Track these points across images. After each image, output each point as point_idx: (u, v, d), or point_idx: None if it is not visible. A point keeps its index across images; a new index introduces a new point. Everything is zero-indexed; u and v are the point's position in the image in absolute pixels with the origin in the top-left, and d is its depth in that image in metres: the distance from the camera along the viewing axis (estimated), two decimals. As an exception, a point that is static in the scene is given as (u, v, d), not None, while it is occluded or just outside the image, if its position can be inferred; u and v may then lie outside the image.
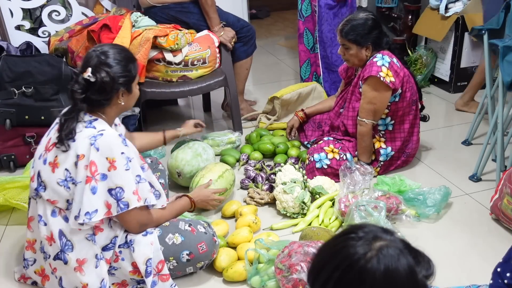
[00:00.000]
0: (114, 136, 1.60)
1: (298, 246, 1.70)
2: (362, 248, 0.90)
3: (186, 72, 2.75)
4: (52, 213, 1.64)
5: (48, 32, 3.14)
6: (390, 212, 2.03)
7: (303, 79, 3.39)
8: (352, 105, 2.43)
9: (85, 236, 1.63)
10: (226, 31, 2.85)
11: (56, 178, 1.60)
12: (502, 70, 2.14)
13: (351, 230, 0.96)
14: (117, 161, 1.57)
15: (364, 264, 0.89)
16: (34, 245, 1.75)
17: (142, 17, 2.73)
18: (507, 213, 1.98)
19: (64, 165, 1.59)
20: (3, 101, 2.50)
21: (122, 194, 1.57)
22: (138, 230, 1.67)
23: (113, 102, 1.67)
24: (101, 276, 1.65)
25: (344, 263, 0.91)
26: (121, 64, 1.64)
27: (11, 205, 2.19)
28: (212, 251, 1.78)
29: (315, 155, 2.40)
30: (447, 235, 2.03)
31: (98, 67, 1.61)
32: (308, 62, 3.34)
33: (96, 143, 1.56)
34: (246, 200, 2.30)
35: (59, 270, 1.67)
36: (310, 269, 0.98)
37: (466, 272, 1.82)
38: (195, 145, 2.39)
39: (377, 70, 2.22)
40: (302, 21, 3.25)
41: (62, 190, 1.60)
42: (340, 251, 0.93)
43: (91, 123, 1.63)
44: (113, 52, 1.65)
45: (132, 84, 1.70)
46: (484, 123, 2.87)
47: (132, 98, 1.74)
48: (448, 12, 3.34)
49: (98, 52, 1.64)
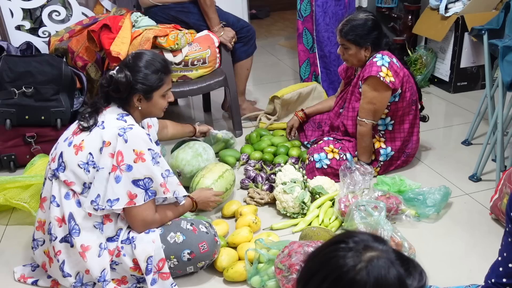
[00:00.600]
0: (143, 132, 1.68)
1: (298, 246, 1.70)
2: (352, 259, 0.88)
3: (186, 72, 2.75)
4: (66, 195, 1.68)
5: (48, 32, 3.14)
6: (390, 212, 2.04)
7: (303, 79, 3.39)
8: (352, 105, 2.43)
9: (93, 224, 1.67)
10: (226, 31, 2.85)
11: (78, 160, 1.66)
12: (502, 70, 2.14)
13: (342, 239, 0.94)
14: (146, 154, 1.63)
15: (354, 276, 0.87)
16: (44, 226, 1.77)
17: (142, 17, 2.73)
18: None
19: (89, 148, 1.66)
20: (3, 101, 2.51)
21: (151, 184, 1.65)
22: (142, 228, 1.70)
23: (131, 104, 1.74)
24: (103, 265, 1.68)
25: (333, 275, 0.89)
26: (145, 72, 1.71)
27: (12, 205, 2.19)
28: (213, 251, 1.78)
29: (315, 155, 2.40)
30: (447, 235, 2.03)
31: (123, 67, 1.71)
32: (307, 62, 3.34)
33: (125, 135, 1.63)
34: (246, 200, 2.30)
35: (63, 253, 1.70)
36: (299, 276, 0.97)
37: (466, 272, 1.82)
38: (196, 145, 2.39)
39: (377, 70, 2.22)
40: (301, 20, 3.25)
41: (82, 172, 1.65)
42: (329, 262, 0.91)
43: (123, 116, 1.71)
44: (146, 58, 1.73)
45: (154, 93, 1.75)
46: (484, 123, 2.87)
47: (153, 107, 1.79)
48: (448, 12, 3.34)
49: (133, 54, 1.74)
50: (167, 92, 1.82)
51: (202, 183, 2.16)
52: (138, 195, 1.64)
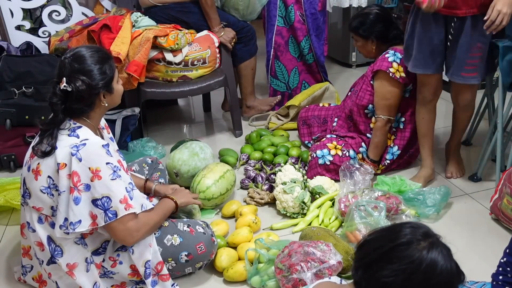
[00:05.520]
0: (98, 146, 1.57)
1: (298, 246, 1.70)
2: (417, 237, 0.99)
3: (186, 72, 2.75)
4: (38, 220, 1.64)
5: (48, 32, 3.14)
6: (390, 212, 2.03)
7: (292, 88, 3.29)
8: (360, 91, 2.46)
9: (73, 241, 1.62)
10: (227, 32, 2.85)
11: (40, 185, 1.59)
12: (502, 70, 2.14)
13: (411, 224, 1.04)
14: (102, 170, 1.54)
15: (413, 249, 0.97)
16: (29, 252, 1.75)
17: (142, 17, 2.73)
18: (507, 213, 1.98)
19: (46, 172, 1.58)
20: (4, 101, 2.50)
21: (109, 204, 1.55)
22: (132, 238, 1.62)
23: (96, 106, 1.63)
24: (93, 279, 1.66)
25: (395, 242, 0.99)
26: (96, 68, 1.58)
27: (12, 206, 2.19)
28: (210, 252, 1.78)
29: (318, 152, 2.41)
30: (447, 235, 1.99)
31: (72, 75, 1.55)
32: (295, 70, 3.27)
33: (78, 154, 1.53)
34: (246, 200, 2.30)
35: (54, 275, 1.67)
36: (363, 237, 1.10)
37: (465, 272, 1.80)
38: (192, 145, 2.39)
39: (387, 66, 2.30)
40: (287, 28, 3.17)
41: (46, 197, 1.59)
42: (394, 231, 1.03)
43: (75, 131, 1.59)
44: (85, 56, 1.59)
45: (112, 83, 1.64)
46: (484, 123, 2.87)
47: (116, 97, 1.69)
48: (448, 12, 3.33)
49: (70, 59, 1.57)
50: (118, 76, 1.71)
51: (203, 183, 2.16)
52: (98, 216, 1.55)
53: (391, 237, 1.00)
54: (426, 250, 0.95)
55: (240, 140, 2.94)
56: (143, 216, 1.65)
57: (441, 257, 0.96)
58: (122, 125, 2.69)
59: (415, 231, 0.99)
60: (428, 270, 0.95)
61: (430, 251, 0.96)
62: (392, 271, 0.96)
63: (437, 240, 0.99)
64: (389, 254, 0.98)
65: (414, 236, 0.98)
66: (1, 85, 2.51)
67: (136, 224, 1.61)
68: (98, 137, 1.66)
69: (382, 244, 1.00)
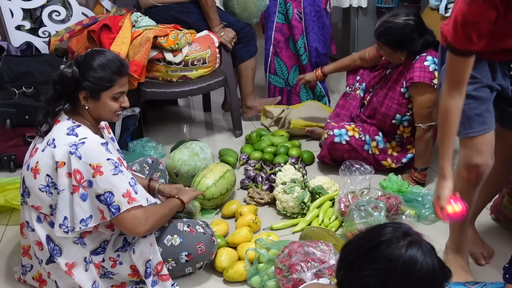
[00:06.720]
0: (97, 144, 1.58)
1: (298, 246, 1.70)
2: (396, 235, 0.99)
3: (186, 72, 2.75)
4: (37, 219, 1.64)
5: (48, 32, 3.14)
6: (390, 212, 2.03)
7: (291, 85, 3.25)
8: (385, 98, 2.36)
9: (72, 240, 1.62)
10: (227, 32, 2.85)
11: (38, 184, 1.59)
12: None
13: (391, 224, 1.05)
14: (103, 166, 1.54)
15: (393, 248, 0.97)
16: (29, 251, 1.75)
17: (142, 17, 2.73)
18: (507, 213, 1.98)
19: (45, 170, 1.58)
20: (4, 101, 2.50)
21: (112, 198, 1.55)
22: (142, 226, 1.60)
23: (79, 104, 1.63)
24: (92, 278, 1.66)
25: (375, 241, 1.00)
26: (94, 69, 1.58)
27: (12, 206, 2.19)
28: (210, 252, 1.78)
29: (335, 130, 2.40)
30: (447, 235, 2.03)
31: (73, 62, 1.60)
32: (296, 68, 3.23)
33: (77, 152, 1.53)
34: (246, 200, 2.30)
35: (53, 274, 1.67)
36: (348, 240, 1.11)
37: (466, 272, 1.82)
38: (192, 145, 2.39)
39: (431, 78, 2.16)
40: (287, 25, 3.12)
41: (45, 196, 1.60)
42: (375, 230, 1.04)
43: (74, 129, 1.60)
44: (100, 57, 1.60)
45: (102, 93, 1.61)
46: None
47: (101, 108, 1.64)
48: (448, 12, 3.33)
49: (90, 51, 1.63)
50: (121, 96, 1.66)
51: (203, 183, 2.16)
52: (104, 211, 1.56)
53: (372, 237, 1.01)
54: (405, 248, 0.96)
55: (240, 140, 2.94)
56: (150, 208, 1.65)
57: (421, 254, 0.96)
58: (122, 125, 2.69)
59: (395, 231, 1.00)
60: (407, 267, 0.95)
61: (410, 249, 0.96)
62: (373, 271, 0.96)
63: (417, 238, 0.99)
64: (369, 253, 0.99)
65: (394, 235, 0.98)
66: (1, 85, 2.51)
67: (144, 213, 1.61)
68: (97, 136, 1.66)
69: (362, 244, 1.01)
